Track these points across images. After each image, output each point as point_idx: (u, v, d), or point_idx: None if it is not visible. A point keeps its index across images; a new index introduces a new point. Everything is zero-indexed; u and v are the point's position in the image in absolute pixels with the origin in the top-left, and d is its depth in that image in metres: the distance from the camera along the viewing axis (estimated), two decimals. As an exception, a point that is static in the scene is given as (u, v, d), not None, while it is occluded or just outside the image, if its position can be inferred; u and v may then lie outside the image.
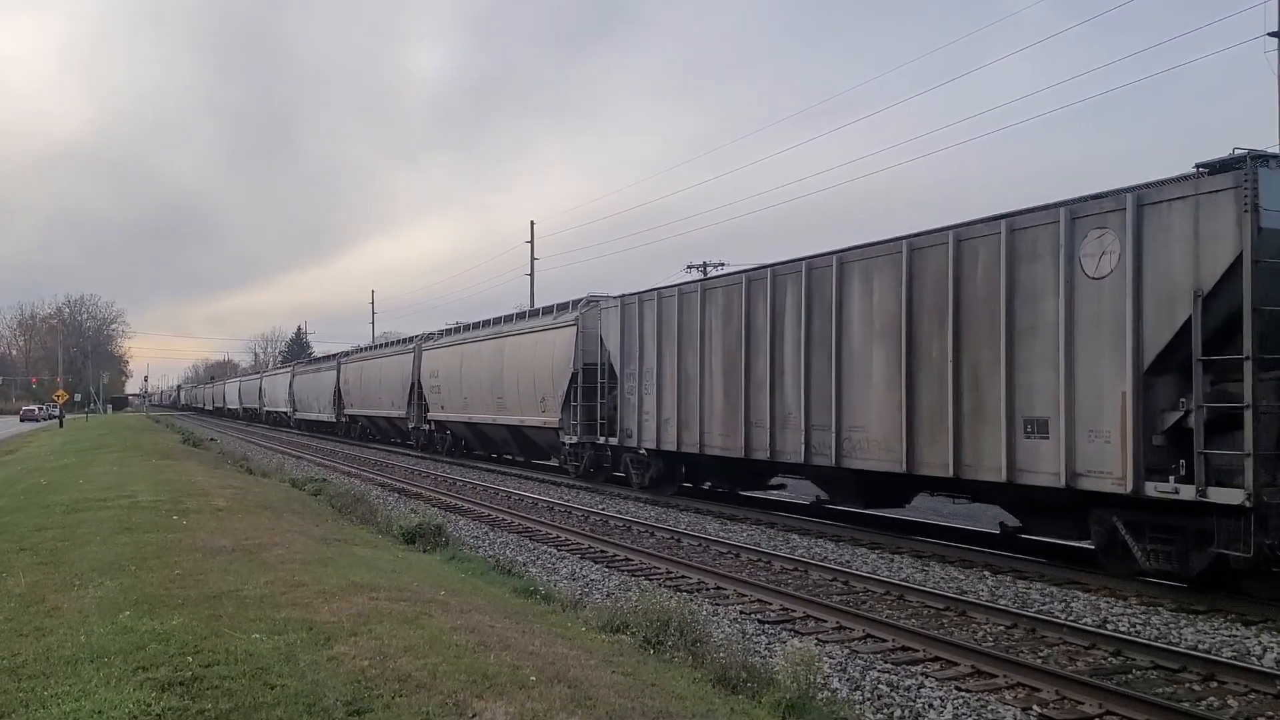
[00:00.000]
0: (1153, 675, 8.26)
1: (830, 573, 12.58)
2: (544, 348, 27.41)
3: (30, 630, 6.92)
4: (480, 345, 32.70)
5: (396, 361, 41.62)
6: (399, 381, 40.57)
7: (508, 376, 29.73)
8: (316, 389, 56.85)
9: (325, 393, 54.24)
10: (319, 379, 56.68)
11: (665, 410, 20.32)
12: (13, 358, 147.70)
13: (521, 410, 28.69)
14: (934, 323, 13.65)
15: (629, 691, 6.01)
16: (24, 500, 16.81)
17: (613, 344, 22.80)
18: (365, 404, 46.40)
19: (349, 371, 49.44)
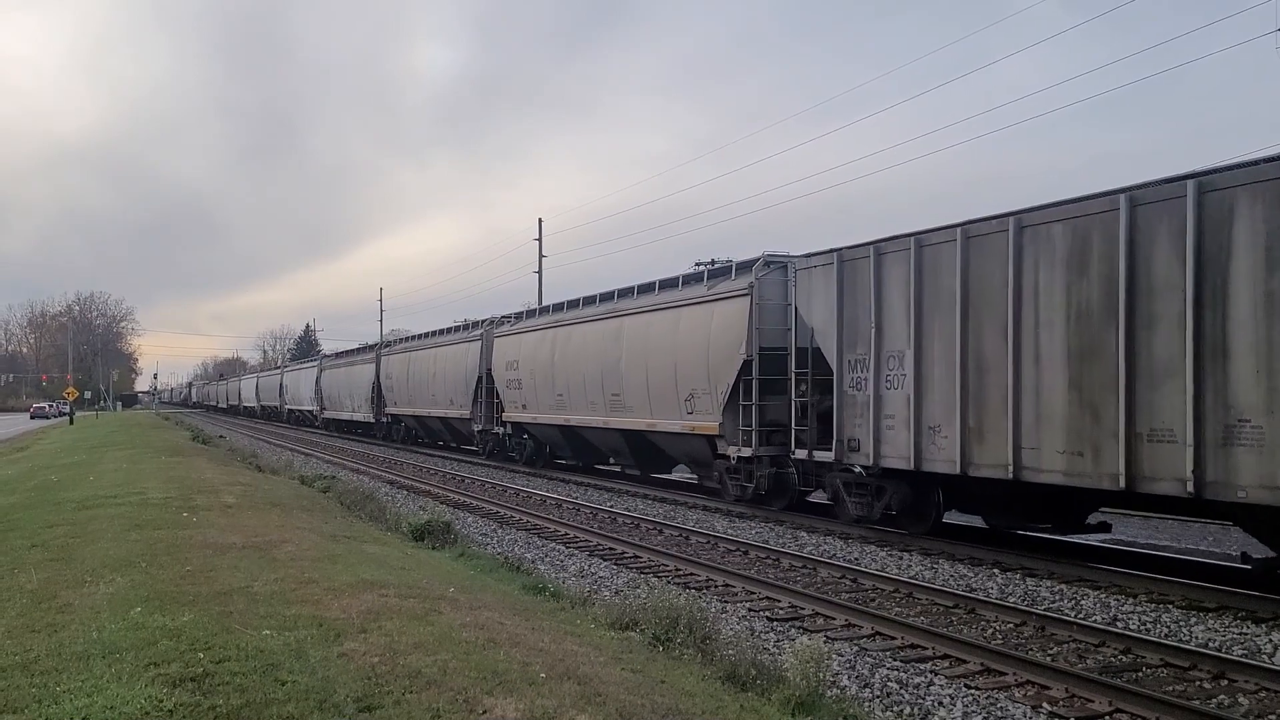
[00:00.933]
0: (1163, 673, 8.24)
1: (839, 570, 12.57)
2: (693, 328, 20.19)
3: (42, 626, 6.94)
4: (584, 329, 25.29)
5: (457, 351, 34.71)
6: (460, 375, 33.99)
7: (629, 367, 22.54)
8: (350, 385, 50.68)
9: (360, 389, 48.27)
10: (353, 374, 49.99)
11: (930, 412, 13.83)
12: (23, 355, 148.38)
13: (651, 411, 21.61)
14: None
15: (638, 689, 6.01)
16: (35, 497, 16.87)
17: (820, 318, 16.12)
18: (413, 402, 39.90)
19: (392, 364, 42.95)
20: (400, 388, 41.49)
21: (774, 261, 18.46)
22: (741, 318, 18.39)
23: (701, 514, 18.66)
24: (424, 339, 40.38)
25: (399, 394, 41.84)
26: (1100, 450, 11.38)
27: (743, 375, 18.28)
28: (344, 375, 52.27)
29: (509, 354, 29.75)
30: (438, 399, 36.79)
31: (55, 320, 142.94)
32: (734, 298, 18.89)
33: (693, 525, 16.80)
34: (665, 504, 20.23)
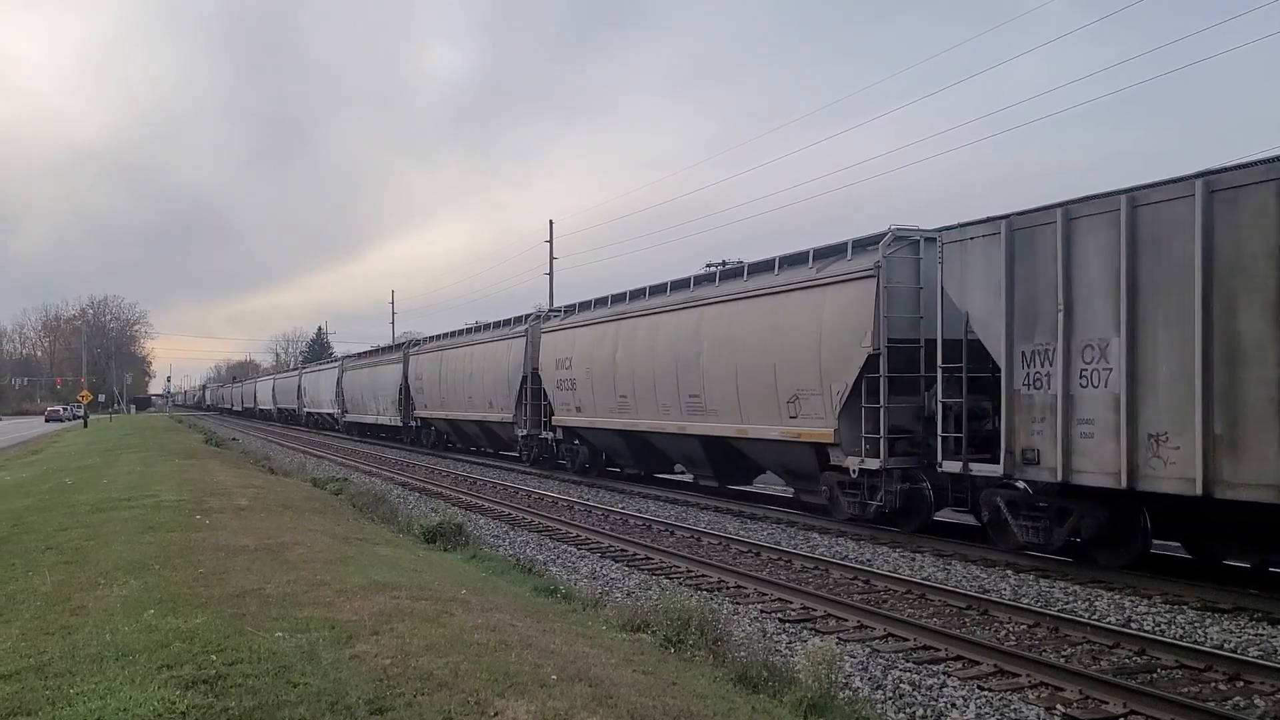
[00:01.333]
0: (1178, 674, 8.19)
1: (851, 571, 12.54)
2: (798, 318, 17.07)
3: (56, 628, 6.98)
4: (654, 321, 22.02)
5: (498, 350, 31.61)
6: (501, 375, 30.96)
7: (711, 364, 19.48)
8: (374, 387, 47.29)
9: (386, 390, 44.92)
10: (378, 375, 46.55)
11: (1151, 416, 10.96)
12: (38, 359, 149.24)
13: (742, 415, 18.59)
14: None
15: (650, 690, 6.01)
16: (49, 500, 16.96)
17: (979, 301, 13.23)
18: (447, 404, 36.50)
19: (422, 364, 39.73)
20: (431, 389, 38.13)
21: (906, 237, 15.53)
22: (866, 304, 15.47)
23: (713, 515, 18.62)
24: (458, 336, 36.44)
25: (429, 396, 38.57)
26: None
27: (867, 372, 15.43)
28: (368, 376, 48.93)
29: (559, 351, 26.73)
30: (475, 401, 33.43)
31: (69, 324, 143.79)
32: (855, 279, 15.88)
33: (704, 527, 16.77)
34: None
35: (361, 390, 50.16)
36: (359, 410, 50.94)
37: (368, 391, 48.80)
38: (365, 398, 49.25)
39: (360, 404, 50.60)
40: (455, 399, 35.59)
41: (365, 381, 49.33)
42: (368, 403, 48.87)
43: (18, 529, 12.94)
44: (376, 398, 47.12)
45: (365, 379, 49.35)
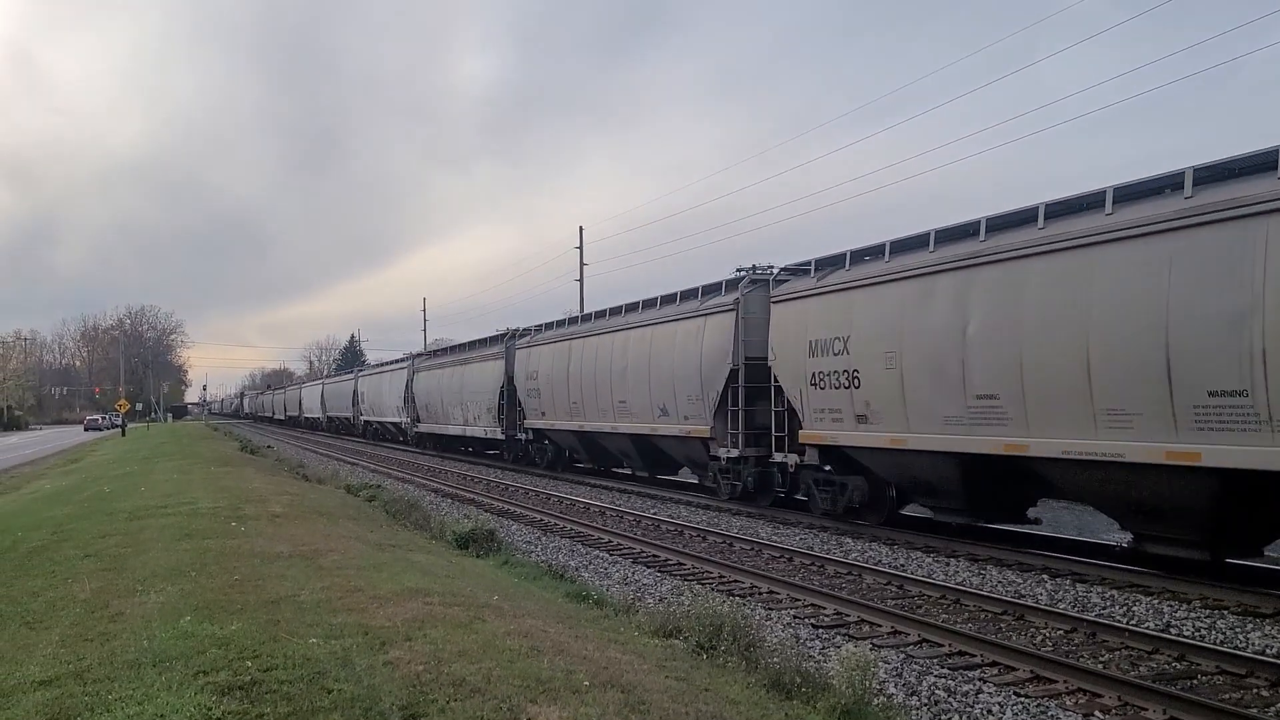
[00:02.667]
0: (1218, 680, 8.07)
1: (884, 576, 12.46)
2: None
3: (95, 635, 7.06)
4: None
5: (674, 333, 22.74)
6: (686, 370, 21.70)
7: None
8: (462, 390, 37.76)
9: (479, 397, 35.47)
10: (468, 376, 37.10)
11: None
12: (76, 369, 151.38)
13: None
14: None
15: (682, 697, 5.99)
16: (88, 508, 17.18)
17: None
18: (578, 413, 27.72)
19: (535, 360, 30.98)
20: (547, 394, 30.10)
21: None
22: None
23: (745, 520, 18.58)
24: (598, 318, 28.21)
25: (546, 402, 30.20)
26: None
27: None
28: (453, 378, 39.24)
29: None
30: (633, 408, 24.85)
31: (107, 334, 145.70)
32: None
33: (736, 532, 16.73)
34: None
35: (443, 395, 40.65)
36: (439, 419, 41.56)
37: (452, 397, 39.36)
38: (448, 404, 39.89)
39: (442, 411, 41.11)
40: (597, 405, 26.81)
41: (450, 385, 39.76)
42: (452, 410, 39.53)
43: (57, 536, 13.11)
44: (465, 404, 37.72)
45: (450, 381, 39.78)
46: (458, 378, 38.78)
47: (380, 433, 56.39)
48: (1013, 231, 13.40)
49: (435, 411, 42.23)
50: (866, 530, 16.38)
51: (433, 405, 42.58)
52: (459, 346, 41.93)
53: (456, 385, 38.78)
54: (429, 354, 47.28)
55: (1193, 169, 11.05)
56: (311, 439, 67.15)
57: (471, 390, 36.73)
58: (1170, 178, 11.38)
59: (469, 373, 37.52)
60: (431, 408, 42.82)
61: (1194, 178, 10.99)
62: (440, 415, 41.51)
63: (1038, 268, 12.70)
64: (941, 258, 14.43)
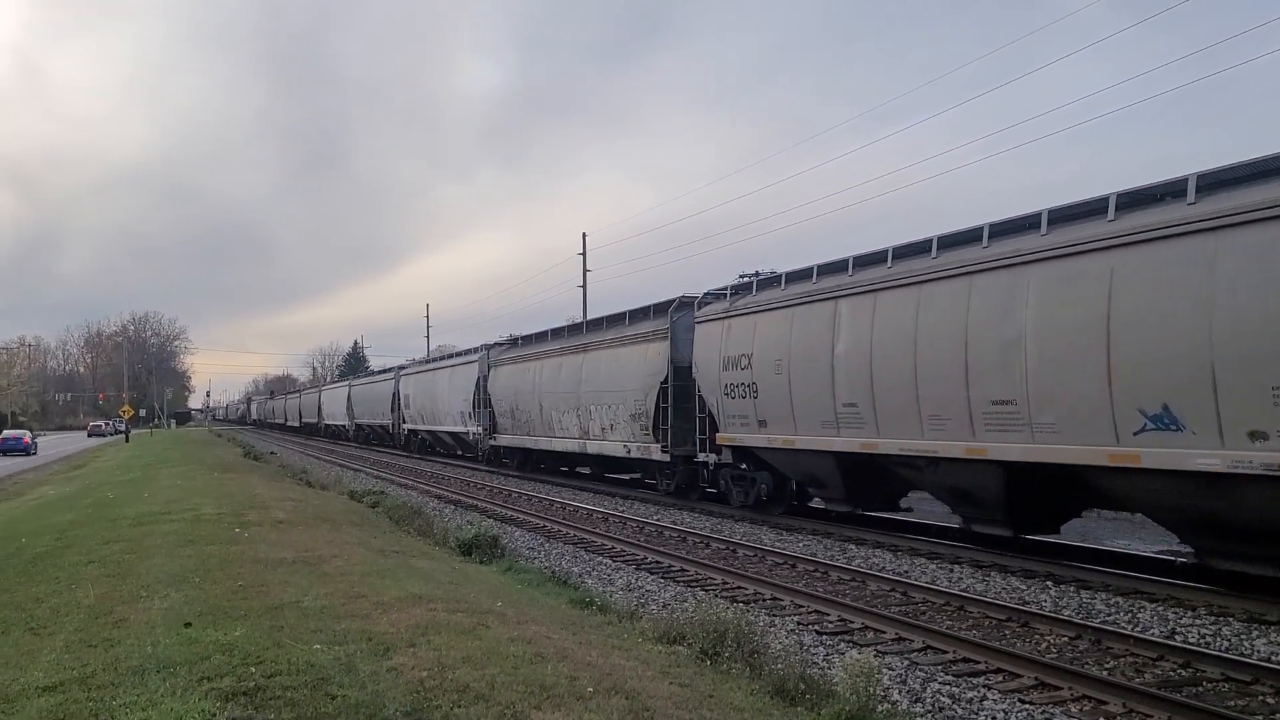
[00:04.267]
0: (1224, 688, 8.04)
1: (888, 583, 12.44)
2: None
3: (99, 641, 7.06)
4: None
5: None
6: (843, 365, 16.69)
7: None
8: (575, 391, 27.87)
9: (619, 397, 25.20)
10: (594, 368, 27.01)
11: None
12: (80, 375, 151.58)
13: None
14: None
15: (686, 703, 5.99)
16: (92, 514, 17.19)
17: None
18: (788, 425, 18.23)
19: (742, 331, 21.34)
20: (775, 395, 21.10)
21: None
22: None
23: (749, 527, 18.56)
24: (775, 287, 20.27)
25: (768, 407, 21.55)
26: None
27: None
28: (565, 373, 28.99)
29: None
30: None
31: (111, 340, 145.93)
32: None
33: (739, 539, 16.72)
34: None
35: (540, 396, 30.59)
36: (531, 428, 31.63)
37: (559, 399, 29.20)
38: (550, 408, 29.83)
39: (533, 418, 31.36)
40: (796, 411, 19.26)
41: (553, 381, 29.72)
42: (556, 418, 29.48)
43: (61, 543, 13.13)
44: (587, 408, 27.22)
45: (553, 377, 29.85)
46: (573, 372, 28.44)
47: (429, 445, 45.96)
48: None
49: (525, 419, 32.08)
50: (870, 536, 16.36)
51: (522, 411, 32.30)
52: (572, 328, 31.45)
53: (571, 383, 28.35)
54: (510, 343, 36.45)
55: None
56: (335, 451, 56.45)
57: (603, 388, 26.21)
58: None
59: (597, 364, 26.81)
60: (520, 414, 32.52)
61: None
62: (535, 424, 31.21)
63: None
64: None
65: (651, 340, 23.63)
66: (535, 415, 31.21)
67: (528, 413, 31.99)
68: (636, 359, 24.13)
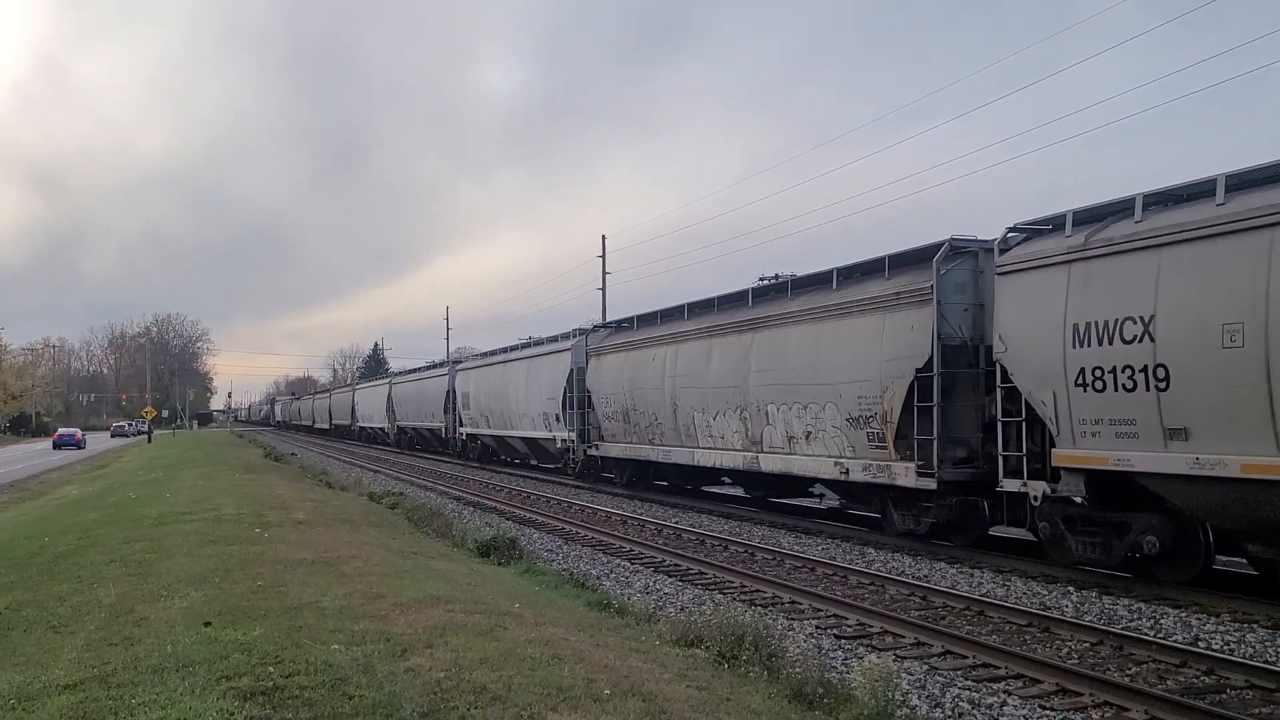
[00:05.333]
0: (1248, 695, 7.95)
1: (908, 587, 12.37)
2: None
3: (119, 639, 7.11)
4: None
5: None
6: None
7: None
8: (742, 384, 20.01)
9: (704, 396, 21.40)
10: (678, 362, 22.64)
11: None
12: (104, 376, 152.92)
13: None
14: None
15: (703, 706, 5.97)
16: (114, 514, 17.32)
17: None
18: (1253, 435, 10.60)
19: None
20: None
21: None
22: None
23: (767, 530, 18.51)
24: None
25: None
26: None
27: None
28: (710, 357, 21.49)
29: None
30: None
31: (134, 341, 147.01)
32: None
33: (758, 542, 16.66)
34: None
35: (674, 393, 22.95)
36: (660, 435, 24.04)
37: (707, 395, 21.51)
38: (688, 409, 22.32)
39: (649, 420, 24.33)
40: None
41: (668, 372, 23.19)
42: (704, 423, 21.71)
43: (84, 542, 13.23)
44: (757, 409, 19.53)
45: (670, 367, 23.11)
46: (734, 358, 20.40)
47: (493, 452, 39.87)
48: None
49: (648, 422, 24.40)
50: (889, 541, 16.27)
51: (642, 411, 24.67)
52: (729, 299, 22.02)
53: (731, 373, 20.41)
54: (613, 327, 28.85)
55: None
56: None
57: (792, 380, 18.39)
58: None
59: (780, 345, 18.94)
60: (639, 415, 24.87)
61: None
62: (663, 429, 23.65)
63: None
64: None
65: (896, 306, 15.72)
66: (664, 417, 23.18)
67: (650, 414, 23.91)
68: (864, 336, 16.36)
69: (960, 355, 14.97)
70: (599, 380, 27.42)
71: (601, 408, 27.25)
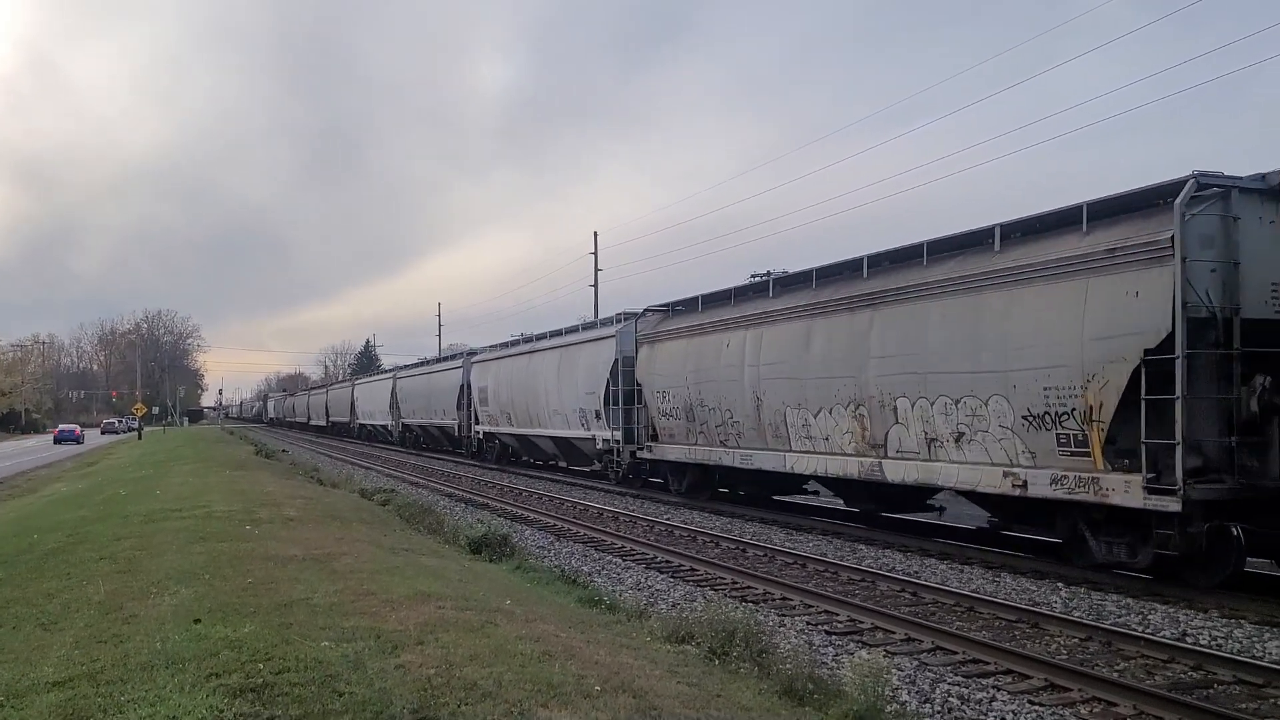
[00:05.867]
0: (1235, 690, 7.99)
1: (898, 584, 12.40)
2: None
3: (109, 637, 7.09)
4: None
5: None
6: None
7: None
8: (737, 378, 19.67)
9: (799, 389, 17.77)
10: (761, 347, 19.01)
11: None
12: (94, 372, 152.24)
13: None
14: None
15: (694, 702, 5.97)
16: (104, 510, 17.27)
17: None
18: None
19: None
20: None
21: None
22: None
23: (759, 526, 18.53)
24: None
25: None
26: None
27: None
28: (809, 341, 17.70)
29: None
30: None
31: (124, 338, 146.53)
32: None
33: (749, 538, 16.69)
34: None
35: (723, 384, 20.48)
36: (724, 434, 20.66)
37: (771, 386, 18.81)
38: (774, 404, 18.77)
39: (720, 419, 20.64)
40: None
41: (746, 359, 19.66)
42: (789, 418, 18.28)
43: (73, 539, 13.18)
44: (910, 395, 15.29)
45: (747, 354, 19.62)
46: (848, 340, 16.74)
47: (514, 452, 36.59)
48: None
49: (717, 421, 20.59)
50: (880, 537, 16.31)
51: (708, 407, 20.85)
52: (829, 271, 18.14)
53: (842, 360, 16.81)
54: (665, 310, 24.20)
55: None
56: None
57: (929, 366, 14.91)
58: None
59: (919, 322, 15.18)
60: (704, 412, 21.07)
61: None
62: (740, 427, 19.91)
63: None
64: None
65: (1108, 268, 12.05)
66: (742, 414, 19.35)
67: (723, 411, 20.06)
68: (1052, 309, 12.71)
69: (1205, 331, 11.35)
70: (652, 371, 23.34)
71: (655, 403, 23.12)
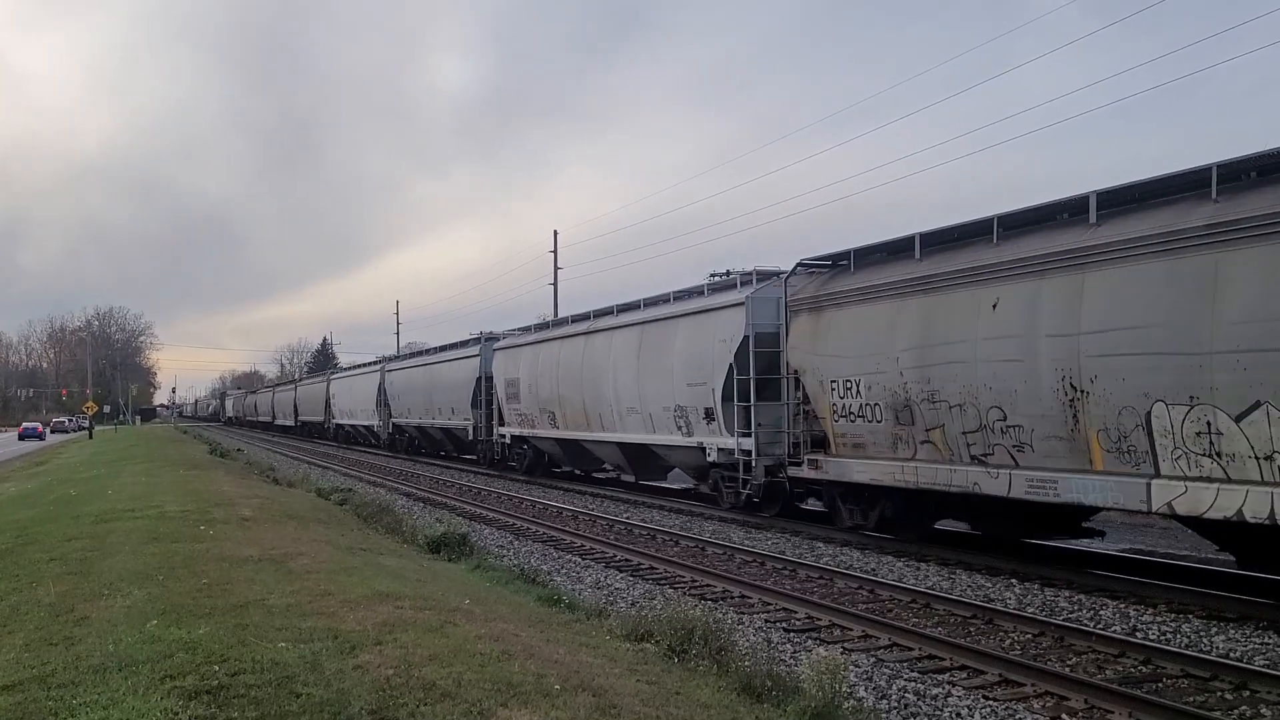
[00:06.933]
0: (1183, 684, 8.16)
1: (856, 581, 12.52)
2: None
3: (59, 639, 6.98)
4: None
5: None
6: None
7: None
8: (970, 358, 12.81)
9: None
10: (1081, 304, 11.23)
11: None
12: (43, 370, 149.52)
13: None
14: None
15: (653, 700, 6.00)
16: (54, 511, 16.97)
17: None
18: None
19: None
20: None
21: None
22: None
23: (718, 525, 18.61)
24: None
25: None
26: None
27: None
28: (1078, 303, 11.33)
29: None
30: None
31: (75, 335, 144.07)
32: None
33: (709, 536, 16.76)
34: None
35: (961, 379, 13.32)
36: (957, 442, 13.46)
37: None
38: None
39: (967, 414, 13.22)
40: None
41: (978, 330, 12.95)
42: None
43: (22, 540, 12.94)
44: None
45: (977, 324, 12.91)
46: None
47: (548, 461, 30.63)
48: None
49: (982, 426, 13.00)
50: (838, 536, 16.44)
51: (968, 401, 13.13)
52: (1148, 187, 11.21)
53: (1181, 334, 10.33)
54: (826, 269, 16.99)
55: None
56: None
57: None
58: None
59: None
60: (935, 411, 13.74)
61: None
62: (1057, 435, 11.99)
63: None
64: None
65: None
66: (1027, 413, 12.13)
67: (979, 407, 12.88)
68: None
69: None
70: (820, 352, 16.25)
71: (827, 398, 15.98)
